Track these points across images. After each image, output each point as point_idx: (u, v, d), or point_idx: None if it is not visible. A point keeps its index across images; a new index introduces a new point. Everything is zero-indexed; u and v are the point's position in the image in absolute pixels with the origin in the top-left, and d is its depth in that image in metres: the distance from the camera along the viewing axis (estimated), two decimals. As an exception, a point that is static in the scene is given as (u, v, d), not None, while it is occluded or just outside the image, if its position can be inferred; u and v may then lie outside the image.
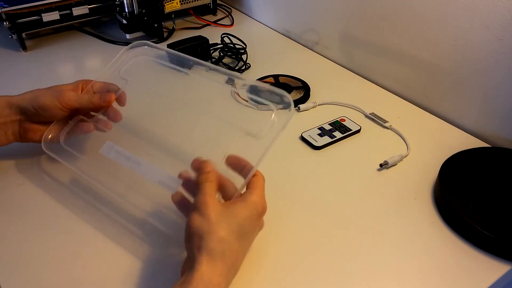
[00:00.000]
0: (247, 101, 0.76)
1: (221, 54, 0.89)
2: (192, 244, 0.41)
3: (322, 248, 0.51)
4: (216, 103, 0.76)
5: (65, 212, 0.54)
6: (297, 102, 0.76)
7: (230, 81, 0.82)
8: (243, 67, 0.87)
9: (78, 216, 0.54)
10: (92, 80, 0.61)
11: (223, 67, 0.87)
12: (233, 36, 0.91)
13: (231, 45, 0.89)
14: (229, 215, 0.42)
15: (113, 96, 0.58)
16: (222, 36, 0.90)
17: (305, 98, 0.78)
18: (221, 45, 0.90)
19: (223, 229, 0.41)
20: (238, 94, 0.78)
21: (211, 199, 0.43)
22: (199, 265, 0.39)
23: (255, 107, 0.75)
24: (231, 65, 0.88)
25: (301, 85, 0.81)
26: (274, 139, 0.48)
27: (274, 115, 0.50)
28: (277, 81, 0.82)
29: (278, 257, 0.49)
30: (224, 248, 0.41)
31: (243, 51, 0.89)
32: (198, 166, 0.47)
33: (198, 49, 0.87)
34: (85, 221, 0.53)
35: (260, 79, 0.82)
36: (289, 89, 0.80)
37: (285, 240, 0.51)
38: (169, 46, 0.86)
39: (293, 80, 0.82)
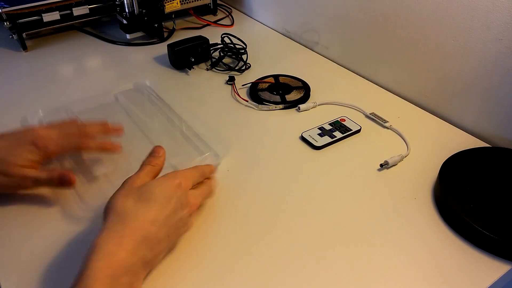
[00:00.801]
0: (247, 101, 0.76)
1: (221, 54, 0.89)
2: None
3: (322, 248, 0.51)
4: (215, 103, 0.76)
5: (65, 211, 0.54)
6: (297, 102, 0.76)
7: (230, 81, 0.82)
8: (243, 67, 0.87)
9: (78, 216, 0.54)
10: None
11: (223, 67, 0.88)
12: (234, 36, 0.91)
13: (231, 45, 0.89)
14: (141, 186, 0.45)
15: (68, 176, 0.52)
16: (222, 36, 0.90)
17: (305, 98, 0.78)
18: (221, 45, 0.90)
19: (121, 196, 0.44)
20: (238, 94, 0.78)
21: (136, 177, 0.46)
22: (97, 236, 0.41)
23: (255, 107, 0.75)
24: (231, 65, 0.88)
25: (301, 85, 0.81)
26: None
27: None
28: (277, 81, 0.82)
29: (279, 257, 0.49)
30: (122, 212, 0.42)
31: (243, 51, 0.89)
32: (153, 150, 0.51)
33: (198, 49, 0.87)
34: (86, 220, 0.53)
35: (260, 79, 0.82)
36: (289, 89, 0.80)
37: (284, 239, 0.51)
38: (169, 46, 0.86)
39: (293, 80, 0.82)
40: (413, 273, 0.48)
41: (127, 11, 0.93)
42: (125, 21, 0.94)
